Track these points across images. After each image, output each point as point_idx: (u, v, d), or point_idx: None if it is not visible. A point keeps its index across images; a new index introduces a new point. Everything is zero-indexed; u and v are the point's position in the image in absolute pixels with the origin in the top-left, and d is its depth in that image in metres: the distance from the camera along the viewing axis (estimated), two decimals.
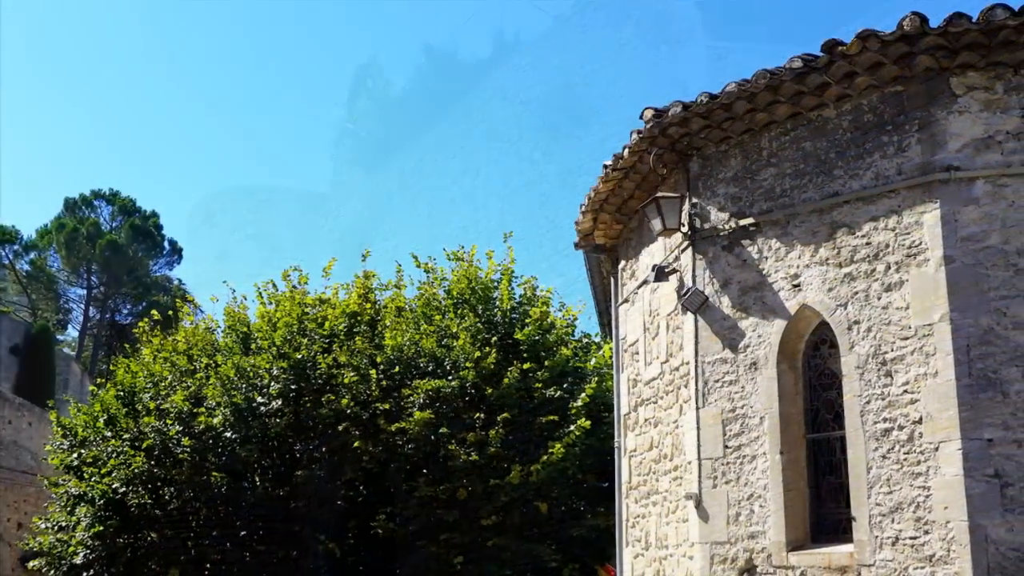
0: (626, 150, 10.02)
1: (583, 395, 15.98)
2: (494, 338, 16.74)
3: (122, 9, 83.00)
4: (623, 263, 11.90)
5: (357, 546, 16.34)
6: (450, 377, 16.11)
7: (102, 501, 17.02)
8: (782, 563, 8.36)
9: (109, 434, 17.77)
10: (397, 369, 16.49)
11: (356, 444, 15.88)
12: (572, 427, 15.40)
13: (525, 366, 16.01)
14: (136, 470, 16.74)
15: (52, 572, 17.77)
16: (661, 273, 9.93)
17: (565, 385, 16.57)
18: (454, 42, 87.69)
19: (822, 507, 8.57)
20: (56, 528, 18.23)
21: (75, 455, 18.12)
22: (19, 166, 75.33)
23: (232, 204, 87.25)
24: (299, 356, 16.81)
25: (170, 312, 23.27)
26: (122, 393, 18.33)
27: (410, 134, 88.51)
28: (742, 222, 9.18)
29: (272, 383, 16.73)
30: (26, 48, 77.93)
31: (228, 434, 16.64)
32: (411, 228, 75.62)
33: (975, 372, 7.50)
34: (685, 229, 9.58)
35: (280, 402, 16.61)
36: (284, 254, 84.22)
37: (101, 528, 17.03)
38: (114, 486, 16.92)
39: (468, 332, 16.56)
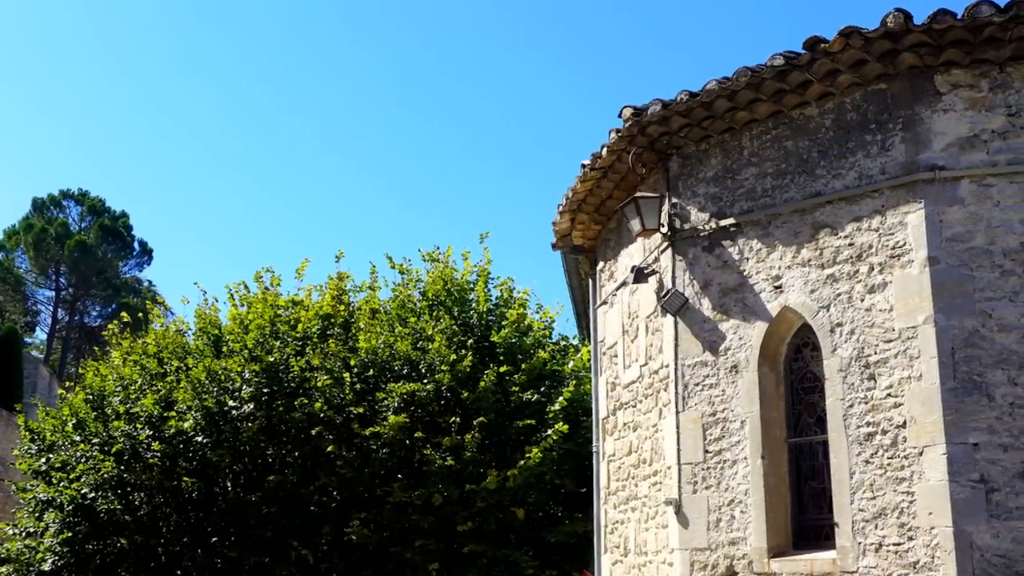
0: (604, 149, 9.87)
1: (561, 399, 15.80)
2: (470, 341, 16.55)
3: (90, 6, 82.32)
4: (602, 264, 11.75)
5: (331, 552, 16.10)
6: (425, 380, 15.90)
7: (71, 507, 16.74)
8: (763, 570, 8.23)
9: (78, 438, 17.49)
10: (371, 372, 16.27)
11: (330, 448, 15.64)
12: (550, 431, 15.22)
13: (502, 369, 15.83)
14: (105, 475, 16.47)
15: None
16: (640, 274, 9.80)
17: (542, 388, 16.39)
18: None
19: (804, 513, 8.45)
20: (24, 534, 17.92)
21: (43, 460, 17.82)
22: None
23: (204, 203, 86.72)
24: (271, 359, 16.57)
25: (140, 314, 22.92)
26: (91, 397, 18.03)
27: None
28: (723, 222, 9.05)
29: (244, 386, 16.47)
30: None
31: (199, 438, 16.39)
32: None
33: (960, 375, 7.39)
34: (665, 230, 9.45)
35: (252, 406, 16.36)
36: (257, 254, 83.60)
37: (70, 534, 16.74)
38: (83, 491, 16.63)
39: (443, 334, 16.36)
